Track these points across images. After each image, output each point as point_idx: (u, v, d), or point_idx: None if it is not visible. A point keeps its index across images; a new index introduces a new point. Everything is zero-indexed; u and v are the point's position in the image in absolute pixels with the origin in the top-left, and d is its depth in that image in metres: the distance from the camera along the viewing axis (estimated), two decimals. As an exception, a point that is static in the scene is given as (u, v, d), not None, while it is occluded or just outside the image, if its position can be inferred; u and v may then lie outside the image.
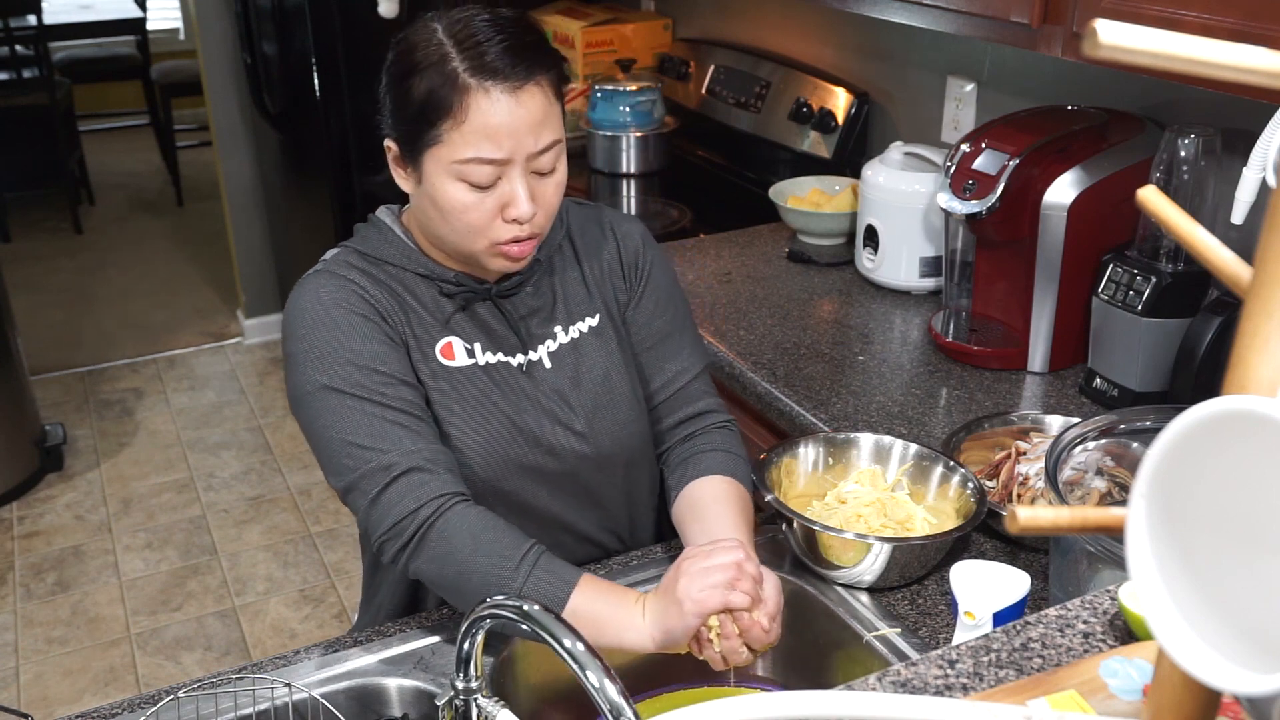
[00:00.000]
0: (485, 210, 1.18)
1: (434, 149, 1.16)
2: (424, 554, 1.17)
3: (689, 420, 1.40)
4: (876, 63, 2.39)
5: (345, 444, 1.18)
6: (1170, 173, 1.54)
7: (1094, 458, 1.25)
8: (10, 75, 4.96)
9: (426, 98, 1.14)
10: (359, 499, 1.18)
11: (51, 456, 3.40)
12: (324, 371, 1.19)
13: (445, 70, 1.14)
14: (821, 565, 1.31)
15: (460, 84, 1.13)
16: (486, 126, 1.14)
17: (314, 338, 1.20)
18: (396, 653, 1.24)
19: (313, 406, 1.20)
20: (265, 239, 4.13)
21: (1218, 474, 0.48)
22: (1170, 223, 0.56)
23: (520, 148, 1.16)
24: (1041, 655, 0.91)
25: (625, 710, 0.81)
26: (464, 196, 1.17)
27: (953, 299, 1.86)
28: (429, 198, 1.20)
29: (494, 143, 1.14)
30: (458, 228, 1.20)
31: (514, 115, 1.14)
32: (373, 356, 1.20)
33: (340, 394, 1.18)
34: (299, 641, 2.72)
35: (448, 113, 1.14)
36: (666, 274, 1.42)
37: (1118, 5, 1.34)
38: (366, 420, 1.18)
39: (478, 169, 1.16)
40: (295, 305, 1.24)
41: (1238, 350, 0.50)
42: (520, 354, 1.30)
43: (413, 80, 1.15)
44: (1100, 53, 0.44)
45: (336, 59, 3.13)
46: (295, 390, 1.22)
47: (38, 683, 2.61)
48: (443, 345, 1.26)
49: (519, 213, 1.18)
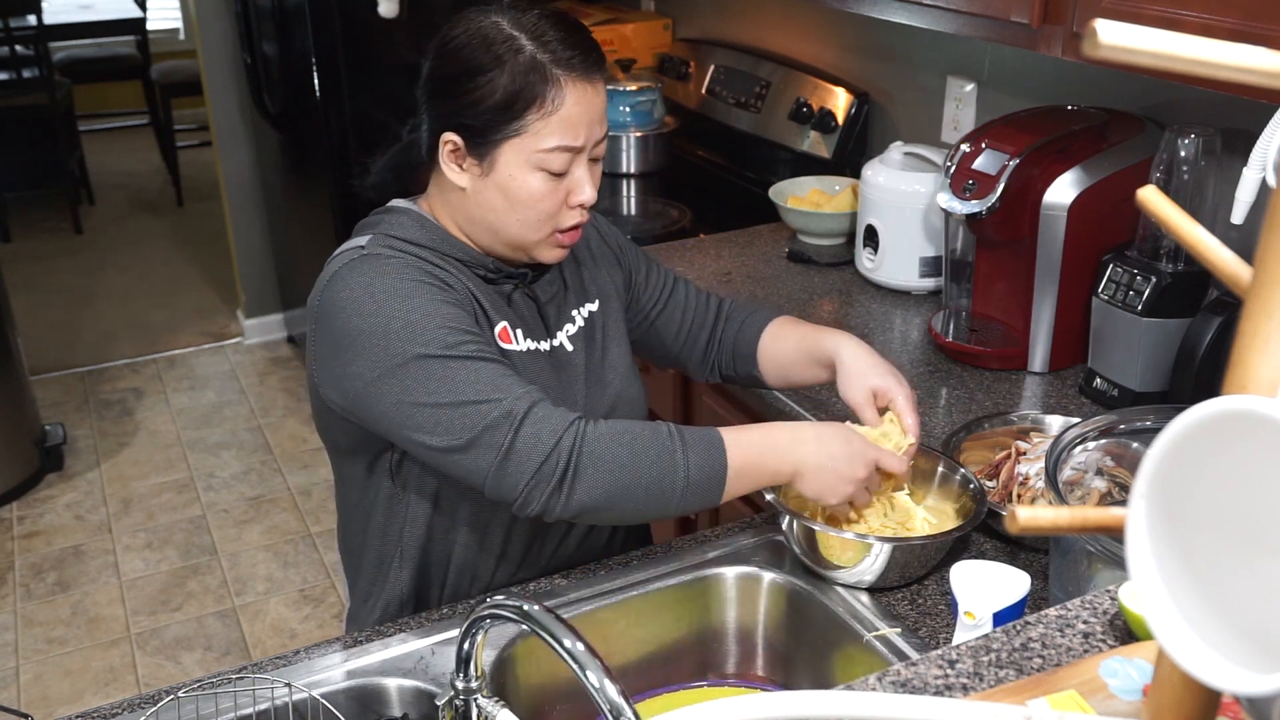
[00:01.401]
0: (556, 199, 1.22)
1: (516, 139, 1.19)
2: (583, 482, 1.13)
3: (716, 322, 1.52)
4: (876, 63, 2.39)
5: (456, 405, 1.14)
6: (1170, 173, 1.54)
7: (1094, 458, 1.25)
8: (10, 75, 4.96)
9: (513, 90, 1.17)
10: (484, 455, 1.14)
11: (51, 456, 3.40)
12: (414, 341, 1.15)
13: (531, 63, 1.17)
14: (821, 565, 1.31)
15: (549, 75, 1.17)
16: (571, 116, 1.18)
17: (390, 311, 1.17)
18: (396, 653, 1.24)
19: (408, 378, 1.15)
20: (265, 239, 4.13)
21: (1218, 474, 0.48)
22: (1170, 223, 0.56)
23: (592, 136, 1.22)
24: (1041, 655, 0.91)
25: (625, 710, 0.81)
26: (540, 185, 1.20)
27: (953, 299, 1.86)
28: (499, 188, 1.21)
29: (575, 132, 1.19)
30: (527, 217, 1.22)
31: (591, 105, 1.20)
32: (456, 318, 1.19)
33: (439, 359, 1.15)
34: (299, 641, 2.72)
35: (537, 104, 1.17)
36: (634, 246, 1.52)
37: (1118, 5, 1.34)
38: (472, 376, 1.15)
39: (559, 157, 1.19)
40: (354, 286, 1.19)
41: (1238, 350, 0.50)
42: (546, 340, 1.33)
43: (490, 74, 1.17)
44: (1100, 53, 0.44)
45: (336, 59, 3.13)
46: (375, 369, 1.16)
47: (38, 683, 2.61)
48: (500, 329, 1.27)
49: (584, 198, 1.23)
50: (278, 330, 4.27)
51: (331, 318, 1.20)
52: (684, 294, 1.52)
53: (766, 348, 1.48)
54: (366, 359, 1.17)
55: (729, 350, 1.52)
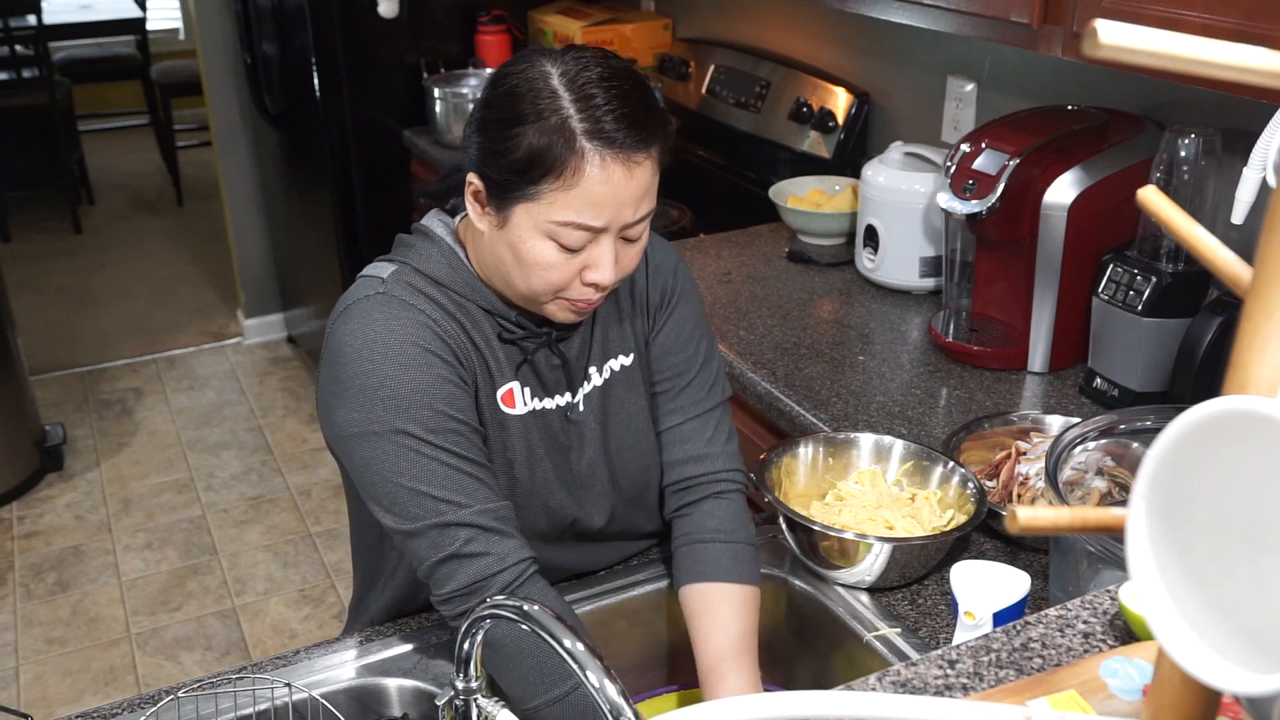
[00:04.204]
0: (568, 271, 1.12)
1: (529, 203, 1.09)
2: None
3: (686, 463, 1.34)
4: (876, 63, 2.39)
5: (416, 493, 1.12)
6: (1170, 173, 1.54)
7: (1094, 458, 1.25)
8: (10, 75, 4.96)
9: (536, 152, 1.07)
10: (426, 549, 1.13)
11: (51, 456, 3.40)
12: (398, 414, 1.11)
13: (561, 128, 1.06)
14: (821, 565, 1.31)
15: (576, 147, 1.06)
16: (593, 195, 1.07)
17: (383, 375, 1.12)
18: (396, 653, 1.25)
19: (379, 447, 1.13)
20: (265, 239, 4.13)
21: (1218, 474, 0.48)
22: (1170, 223, 0.56)
23: (619, 219, 1.10)
24: (1041, 655, 0.91)
25: (625, 710, 0.81)
26: (550, 255, 1.11)
27: (953, 299, 1.86)
28: (509, 246, 1.13)
29: (596, 211, 1.08)
30: (533, 281, 1.13)
31: (623, 188, 1.08)
32: (449, 400, 1.14)
33: (415, 440, 1.12)
34: (299, 641, 2.72)
35: (556, 173, 1.07)
36: (692, 309, 1.34)
37: (1118, 5, 1.34)
38: (442, 470, 1.12)
39: (572, 233, 1.09)
40: (357, 335, 1.14)
41: (1238, 350, 0.50)
42: (563, 395, 1.26)
43: (522, 129, 1.07)
44: (1100, 53, 0.44)
45: (336, 59, 3.13)
46: (355, 426, 1.13)
47: (38, 683, 2.61)
48: (504, 392, 1.21)
49: (601, 277, 1.12)
50: (278, 330, 4.27)
51: (333, 355, 1.17)
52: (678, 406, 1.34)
53: (695, 595, 1.28)
54: (349, 413, 1.14)
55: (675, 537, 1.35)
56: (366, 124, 3.21)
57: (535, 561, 1.15)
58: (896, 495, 1.38)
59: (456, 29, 3.28)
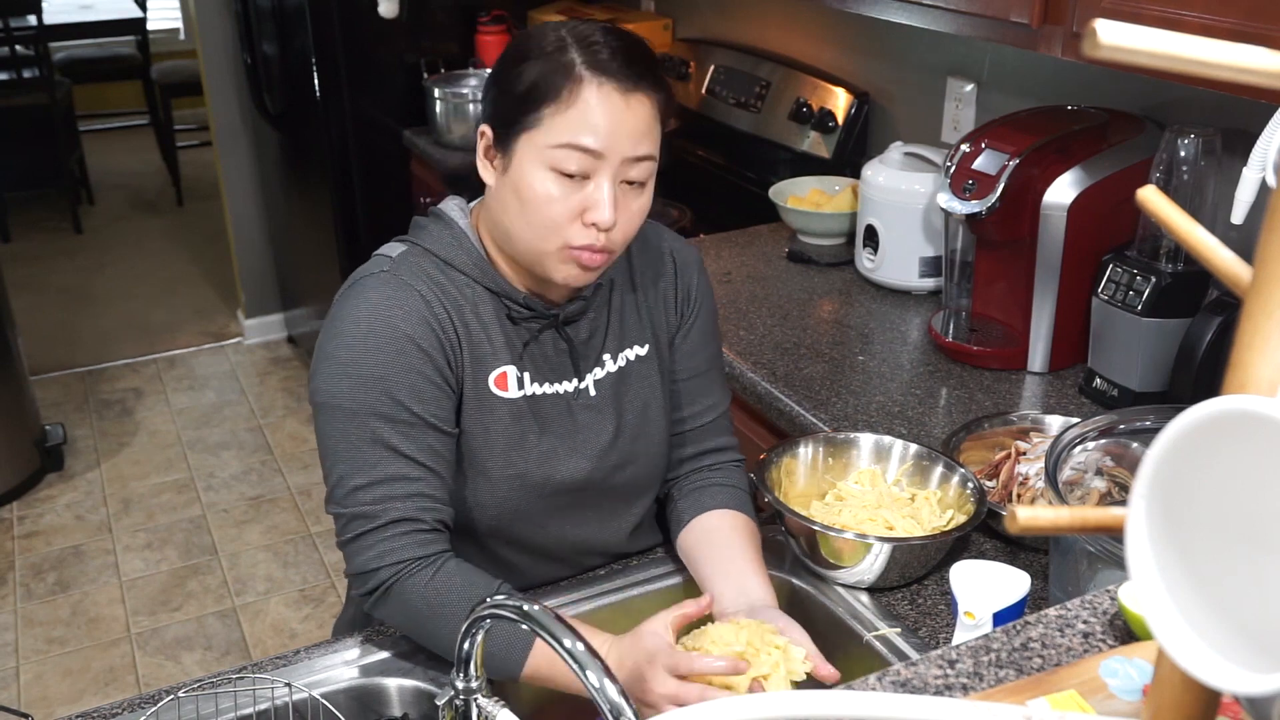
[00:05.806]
0: (568, 207, 1.14)
1: (530, 132, 1.14)
2: (381, 612, 1.21)
3: (707, 454, 1.40)
4: (876, 63, 2.39)
5: (349, 474, 1.17)
6: (1170, 173, 1.54)
7: (1094, 458, 1.25)
8: (10, 75, 4.96)
9: (536, 80, 1.13)
10: (339, 527, 1.20)
11: (51, 456, 3.40)
12: (354, 394, 1.16)
13: (561, 59, 1.13)
14: (821, 565, 1.31)
15: (574, 74, 1.13)
16: (590, 116, 1.12)
17: (357, 353, 1.17)
18: (396, 653, 1.25)
19: (331, 420, 1.18)
20: (265, 239, 4.13)
21: (1217, 474, 0.48)
22: (1170, 223, 0.56)
23: (617, 147, 1.13)
24: (1041, 655, 0.91)
25: (625, 710, 0.81)
26: (550, 187, 1.14)
27: (953, 299, 1.86)
28: (513, 186, 1.16)
29: (593, 133, 1.12)
30: (535, 221, 1.15)
31: (619, 115, 1.13)
32: (412, 392, 1.17)
33: (360, 419, 1.16)
34: (299, 641, 2.72)
35: (554, 97, 1.12)
36: (712, 310, 1.40)
37: (1118, 5, 1.34)
38: (375, 458, 1.17)
39: (571, 155, 1.12)
40: (353, 306, 1.19)
41: (1237, 350, 0.50)
42: (570, 381, 1.27)
43: (525, 65, 1.15)
44: (1100, 53, 0.44)
45: (336, 59, 3.13)
46: (319, 395, 1.19)
47: (38, 683, 2.61)
48: (497, 375, 1.23)
49: (600, 217, 1.14)
50: (278, 330, 4.27)
51: (326, 325, 1.21)
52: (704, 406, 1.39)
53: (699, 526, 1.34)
54: (319, 381, 1.19)
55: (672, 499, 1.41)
56: (366, 124, 3.21)
57: (426, 562, 1.17)
58: (896, 495, 1.38)
59: (456, 29, 3.28)
